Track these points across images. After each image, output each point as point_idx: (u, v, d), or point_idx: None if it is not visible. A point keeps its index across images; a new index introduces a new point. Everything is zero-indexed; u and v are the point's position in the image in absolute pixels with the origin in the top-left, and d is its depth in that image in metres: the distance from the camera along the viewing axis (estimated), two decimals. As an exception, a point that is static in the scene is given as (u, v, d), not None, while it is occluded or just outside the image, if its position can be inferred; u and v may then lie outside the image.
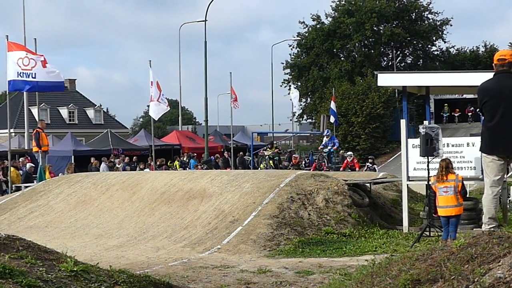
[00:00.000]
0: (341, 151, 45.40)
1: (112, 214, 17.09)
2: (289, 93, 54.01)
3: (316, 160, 29.89)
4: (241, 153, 39.90)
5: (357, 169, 27.23)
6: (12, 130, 28.78)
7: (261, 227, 14.45)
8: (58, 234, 16.06)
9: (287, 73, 62.89)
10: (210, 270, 11.28)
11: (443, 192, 12.34)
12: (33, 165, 23.46)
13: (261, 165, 26.45)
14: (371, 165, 29.14)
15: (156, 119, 29.06)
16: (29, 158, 26.46)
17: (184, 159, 34.97)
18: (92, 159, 31.59)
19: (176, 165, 29.95)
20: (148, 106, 29.37)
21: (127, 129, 72.87)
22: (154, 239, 15.08)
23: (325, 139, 27.58)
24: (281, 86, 62.55)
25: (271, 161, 27.66)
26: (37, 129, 21.71)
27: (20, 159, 27.24)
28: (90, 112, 68.11)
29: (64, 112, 65.54)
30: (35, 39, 29.36)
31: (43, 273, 8.37)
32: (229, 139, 45.05)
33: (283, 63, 62.95)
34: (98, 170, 27.79)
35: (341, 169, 27.59)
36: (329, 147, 27.82)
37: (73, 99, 67.56)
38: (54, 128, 56.83)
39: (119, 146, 40.39)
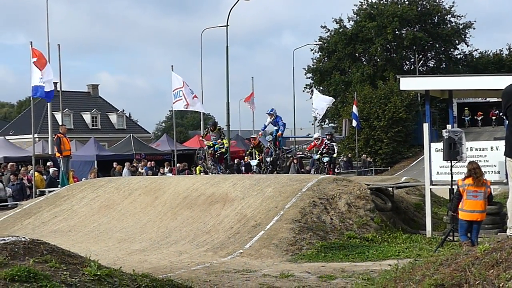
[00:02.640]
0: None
1: (135, 218, 17.17)
2: (311, 97, 53.86)
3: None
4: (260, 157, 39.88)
5: (324, 150, 24.24)
6: (36, 136, 29.04)
7: (283, 231, 14.42)
8: (82, 238, 16.17)
9: (309, 78, 62.89)
10: (233, 275, 11.28)
11: (473, 196, 12.05)
12: (57, 170, 23.64)
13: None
14: (329, 142, 24.91)
15: (206, 112, 29.37)
16: (52, 163, 26.68)
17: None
18: (115, 164, 31.76)
19: (197, 170, 30.02)
20: (171, 110, 29.44)
21: (149, 134, 73.21)
22: (177, 243, 15.12)
23: (268, 119, 21.30)
24: (303, 91, 62.55)
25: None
26: (58, 135, 21.89)
27: (48, 163, 27.48)
28: (113, 117, 68.55)
29: (87, 117, 66.03)
30: (59, 45, 29.63)
31: (67, 277, 8.43)
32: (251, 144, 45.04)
33: (304, 68, 62.96)
34: (121, 175, 27.92)
35: (307, 149, 26.34)
36: (273, 133, 22.32)
37: (96, 105, 68.05)
38: (77, 133, 57.29)
39: (141, 151, 40.57)
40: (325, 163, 23.69)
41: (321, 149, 24.48)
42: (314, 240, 14.22)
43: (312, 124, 61.21)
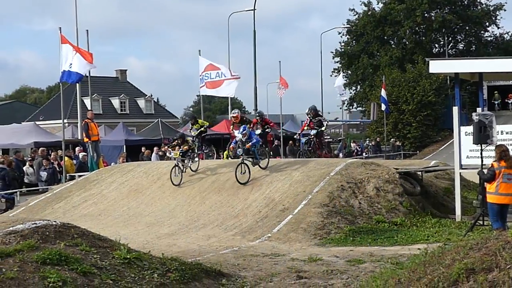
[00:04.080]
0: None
1: (164, 202, 17.29)
2: (335, 80, 53.54)
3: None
4: (290, 141, 39.81)
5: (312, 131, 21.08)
6: (65, 121, 29.34)
7: (312, 215, 14.42)
8: (111, 222, 16.33)
9: (336, 62, 62.47)
10: (261, 258, 11.31)
11: (507, 179, 11.88)
12: (86, 155, 23.85)
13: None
14: (313, 117, 21.80)
15: (232, 94, 28.39)
16: (82, 148, 26.91)
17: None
18: (143, 149, 31.94)
19: (224, 155, 30.07)
20: (198, 95, 29.40)
21: (177, 119, 73.50)
22: (205, 227, 15.21)
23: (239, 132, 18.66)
24: (331, 75, 62.14)
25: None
26: (86, 120, 22.06)
27: (77, 148, 27.73)
28: (141, 102, 68.84)
29: (115, 102, 66.41)
30: (87, 30, 29.82)
31: (98, 260, 8.53)
32: (279, 128, 44.96)
33: (332, 52, 62.55)
34: (150, 160, 28.07)
35: (299, 131, 23.40)
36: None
37: (124, 90, 68.38)
38: (106, 118, 57.65)
39: (169, 136, 40.72)
40: (312, 136, 21.00)
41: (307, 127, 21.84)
42: (343, 224, 14.20)
43: (340, 108, 60.89)
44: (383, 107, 41.02)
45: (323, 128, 20.47)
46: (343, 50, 61.77)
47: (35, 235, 8.68)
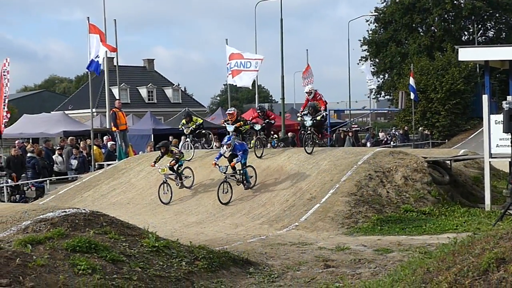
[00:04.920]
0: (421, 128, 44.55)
1: (192, 191, 17.35)
2: (362, 72, 53.21)
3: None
4: (317, 130, 39.75)
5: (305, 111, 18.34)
6: (94, 110, 29.58)
7: (339, 204, 14.38)
8: (140, 210, 16.45)
9: (364, 50, 62.05)
10: (288, 247, 11.32)
11: None
12: (115, 144, 24.03)
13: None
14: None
15: (249, 86, 28.57)
16: (110, 137, 27.11)
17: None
18: (171, 138, 32.05)
19: (251, 144, 30.00)
20: (225, 84, 29.43)
21: (204, 108, 73.59)
22: (233, 216, 15.25)
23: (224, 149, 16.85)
24: (358, 64, 61.75)
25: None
26: (114, 109, 22.20)
27: (105, 137, 27.95)
28: (169, 91, 69.07)
29: (143, 91, 66.72)
30: (115, 20, 30.00)
31: (126, 248, 8.61)
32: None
33: (360, 40, 62.13)
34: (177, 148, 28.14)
35: (301, 108, 20.81)
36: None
37: (152, 79, 68.65)
38: (134, 107, 57.95)
39: (197, 125, 40.88)
40: (308, 128, 18.28)
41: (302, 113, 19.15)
42: (370, 213, 14.14)
43: (368, 96, 60.58)
44: (412, 95, 40.65)
45: (318, 118, 18.18)
46: (371, 38, 61.34)
47: (65, 223, 8.78)
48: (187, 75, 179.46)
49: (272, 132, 19.80)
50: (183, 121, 19.81)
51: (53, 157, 24.30)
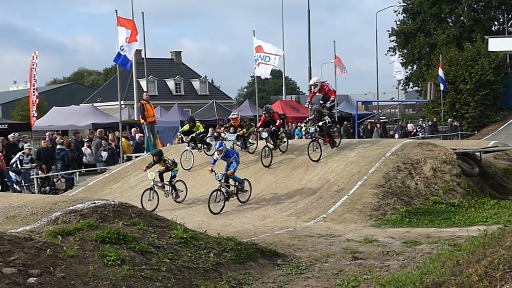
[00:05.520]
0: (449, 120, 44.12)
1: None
2: (393, 61, 52.82)
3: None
4: (345, 122, 39.59)
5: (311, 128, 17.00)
6: (122, 102, 29.72)
7: (367, 196, 14.33)
8: (167, 202, 16.52)
9: (392, 41, 61.53)
10: (316, 239, 11.30)
11: None
12: (143, 136, 24.18)
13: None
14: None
15: (266, 77, 29.01)
16: (138, 129, 27.29)
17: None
18: (199, 129, 32.23)
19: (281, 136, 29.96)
20: (252, 76, 29.53)
21: (231, 100, 73.70)
22: (260, 207, 15.26)
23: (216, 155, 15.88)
24: (386, 54, 61.26)
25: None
26: (142, 102, 22.30)
27: (133, 129, 28.13)
28: (196, 84, 69.27)
29: (171, 83, 66.99)
30: (142, 12, 29.95)
31: (155, 239, 8.67)
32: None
33: (388, 31, 61.61)
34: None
35: (308, 99, 19.61)
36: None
37: (179, 71, 68.89)
38: (162, 99, 58.23)
39: (224, 116, 40.91)
40: (313, 134, 17.10)
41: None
42: (398, 205, 14.06)
43: (396, 88, 60.11)
44: (442, 86, 40.27)
45: (320, 123, 17.09)
46: (399, 29, 60.81)
47: (94, 214, 8.87)
48: (215, 67, 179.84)
49: (280, 133, 18.28)
50: (186, 126, 19.09)
51: (82, 149, 24.53)
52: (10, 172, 20.61)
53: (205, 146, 18.98)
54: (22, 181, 20.50)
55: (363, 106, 55.76)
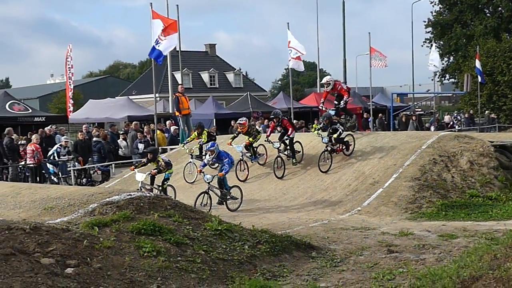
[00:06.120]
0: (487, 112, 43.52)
1: (254, 175, 17.40)
2: (430, 52, 52.23)
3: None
4: (380, 114, 39.32)
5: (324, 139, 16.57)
6: (157, 95, 29.90)
7: (402, 189, 14.22)
8: (202, 194, 16.57)
9: (428, 32, 60.84)
10: (351, 232, 11.25)
11: None
12: (177, 128, 24.30)
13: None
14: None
15: (301, 69, 29.25)
16: (173, 121, 27.45)
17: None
18: (233, 122, 32.26)
19: (314, 127, 29.94)
20: (286, 68, 29.59)
21: (266, 92, 73.66)
22: (295, 200, 15.25)
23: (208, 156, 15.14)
24: (422, 46, 60.61)
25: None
26: (177, 94, 22.40)
27: (168, 122, 28.30)
28: (230, 76, 69.40)
29: (205, 76, 67.21)
30: (177, 5, 30.08)
31: (190, 231, 8.72)
32: (368, 101, 44.38)
33: (424, 21, 60.93)
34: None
35: (321, 99, 18.62)
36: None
37: (214, 64, 69.09)
38: (196, 92, 58.49)
39: (258, 109, 40.96)
40: (326, 144, 16.54)
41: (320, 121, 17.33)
42: (434, 199, 13.93)
43: (432, 79, 59.46)
44: (479, 78, 39.70)
45: (335, 136, 16.48)
46: (435, 20, 60.08)
47: (130, 206, 8.95)
48: (249, 60, 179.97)
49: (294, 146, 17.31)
50: (194, 133, 18.46)
51: (118, 141, 24.76)
52: (48, 164, 20.91)
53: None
54: (60, 173, 20.80)
55: (398, 98, 55.22)
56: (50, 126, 25.73)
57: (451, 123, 40.93)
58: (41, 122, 29.12)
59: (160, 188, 15.31)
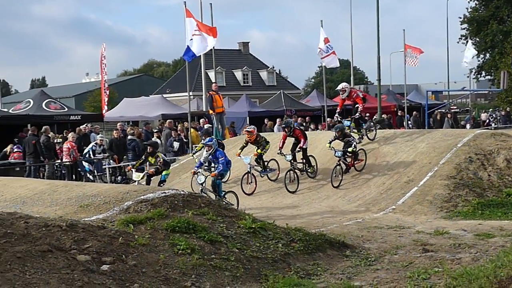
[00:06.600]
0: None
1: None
2: (465, 49, 51.58)
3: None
4: (415, 112, 38.98)
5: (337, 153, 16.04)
6: (191, 93, 30.07)
7: (438, 187, 14.07)
8: (236, 192, 16.59)
9: (463, 28, 60.11)
10: (385, 231, 11.18)
11: None
12: (211, 126, 24.38)
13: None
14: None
15: (335, 66, 29.43)
16: (207, 119, 27.54)
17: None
18: (266, 120, 32.28)
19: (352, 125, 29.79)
20: (320, 66, 29.57)
21: (299, 90, 73.51)
22: (328, 198, 15.20)
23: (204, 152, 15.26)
24: (458, 42, 59.85)
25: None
26: (210, 92, 22.46)
27: (201, 120, 28.42)
28: (263, 74, 69.38)
29: (238, 74, 67.34)
30: (211, 4, 30.29)
31: (224, 229, 8.75)
32: (403, 98, 44.02)
33: (460, 18, 60.22)
34: (272, 131, 28.34)
35: (338, 108, 18.08)
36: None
37: (247, 62, 69.16)
38: (229, 90, 58.59)
39: (292, 107, 40.89)
40: (339, 158, 16.02)
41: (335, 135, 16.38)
42: (470, 197, 13.76)
43: (467, 76, 58.71)
44: (515, 75, 39.10)
45: (349, 149, 15.98)
46: (471, 16, 59.33)
47: (164, 203, 9.01)
48: (282, 58, 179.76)
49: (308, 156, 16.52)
50: (201, 144, 17.39)
51: (152, 139, 24.91)
52: (83, 162, 21.15)
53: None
54: (95, 171, 21.03)
55: (433, 95, 54.74)
56: (85, 124, 26.03)
57: (487, 120, 40.39)
58: (77, 120, 29.49)
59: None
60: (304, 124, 32.85)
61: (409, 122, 37.98)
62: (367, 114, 20.87)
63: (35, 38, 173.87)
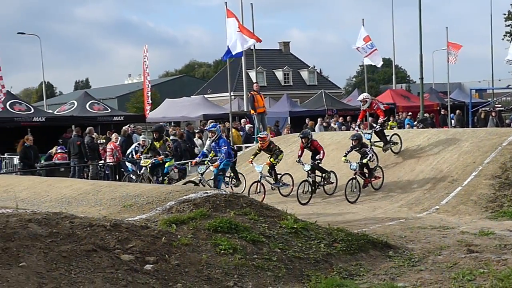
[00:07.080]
0: None
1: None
2: (510, 46, 50.65)
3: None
4: (458, 111, 38.45)
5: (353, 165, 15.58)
6: (232, 93, 30.19)
7: (482, 187, 13.85)
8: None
9: (508, 25, 59.11)
10: (429, 231, 11.04)
11: None
12: (252, 126, 24.42)
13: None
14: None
15: (379, 63, 29.28)
16: (248, 119, 27.61)
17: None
18: (307, 120, 32.22)
19: (389, 125, 29.56)
20: (361, 65, 29.48)
21: (340, 89, 73.23)
22: (371, 198, 15.10)
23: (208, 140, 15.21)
24: (502, 39, 58.92)
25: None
26: (252, 93, 22.52)
27: (242, 120, 28.49)
28: (304, 74, 69.32)
29: (279, 74, 67.40)
30: (251, 4, 30.34)
31: (266, 229, 8.75)
32: (446, 97, 43.46)
33: (504, 14, 59.23)
34: (314, 130, 28.27)
35: (358, 120, 17.81)
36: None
37: (288, 61, 69.18)
38: (270, 90, 58.66)
39: (333, 106, 40.76)
40: (356, 170, 15.56)
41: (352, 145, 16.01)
42: (516, 197, 13.51)
43: (512, 74, 57.73)
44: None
45: (364, 161, 15.63)
46: (516, 12, 58.33)
47: (206, 203, 9.06)
48: (323, 57, 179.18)
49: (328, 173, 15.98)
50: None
51: (194, 140, 25.08)
52: (126, 162, 21.39)
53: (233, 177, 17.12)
54: (138, 171, 21.23)
55: (477, 94, 53.88)
56: (128, 125, 26.31)
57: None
58: (120, 121, 29.88)
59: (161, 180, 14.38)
60: (345, 123, 32.70)
61: (452, 120, 37.50)
62: (409, 113, 20.74)
63: (79, 40, 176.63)
